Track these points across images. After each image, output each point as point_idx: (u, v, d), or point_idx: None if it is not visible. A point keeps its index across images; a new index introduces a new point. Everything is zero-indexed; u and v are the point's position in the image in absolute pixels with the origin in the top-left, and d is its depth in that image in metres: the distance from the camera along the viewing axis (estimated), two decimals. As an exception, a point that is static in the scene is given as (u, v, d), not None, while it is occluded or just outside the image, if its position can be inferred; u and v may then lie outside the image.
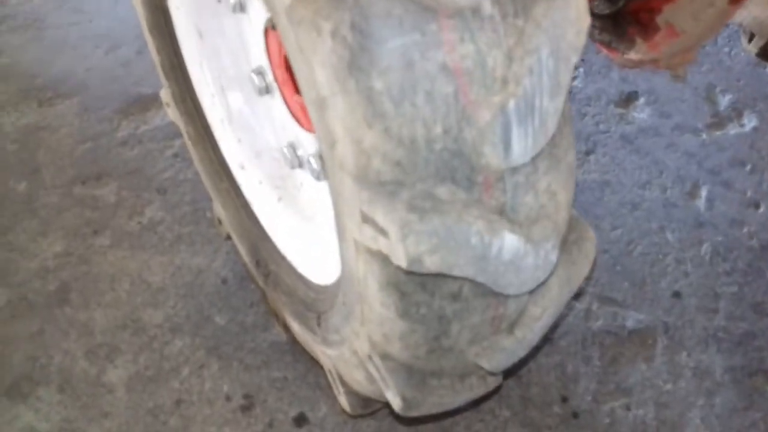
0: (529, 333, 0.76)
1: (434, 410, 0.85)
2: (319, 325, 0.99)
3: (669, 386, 1.26)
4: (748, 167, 1.60)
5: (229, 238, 1.35)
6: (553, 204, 0.67)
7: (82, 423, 1.20)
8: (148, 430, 1.19)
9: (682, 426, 1.21)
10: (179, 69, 1.23)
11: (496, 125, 0.59)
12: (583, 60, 1.84)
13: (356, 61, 0.57)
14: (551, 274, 0.72)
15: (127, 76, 1.75)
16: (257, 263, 1.21)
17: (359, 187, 0.62)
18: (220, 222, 1.35)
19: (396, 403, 0.81)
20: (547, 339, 1.31)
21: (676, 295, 1.38)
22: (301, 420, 1.21)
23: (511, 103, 0.59)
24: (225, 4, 1.11)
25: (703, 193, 1.54)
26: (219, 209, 1.30)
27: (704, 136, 1.66)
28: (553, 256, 0.67)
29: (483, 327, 0.73)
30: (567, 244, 0.75)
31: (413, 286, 0.68)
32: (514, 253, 0.64)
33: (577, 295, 1.37)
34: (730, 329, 1.33)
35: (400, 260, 0.62)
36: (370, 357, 0.82)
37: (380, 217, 0.61)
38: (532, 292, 0.73)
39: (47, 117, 1.66)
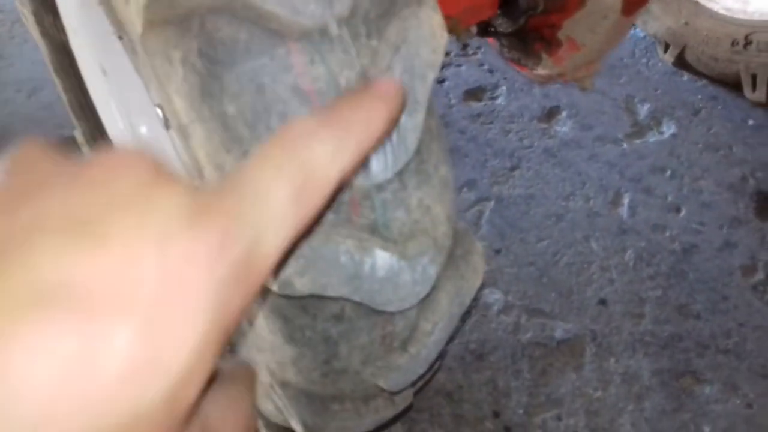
0: (423, 349, 0.75)
1: (341, 435, 0.84)
2: (233, 351, 0.98)
3: (599, 393, 1.27)
4: (668, 173, 1.63)
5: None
6: (429, 219, 0.67)
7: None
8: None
9: (613, 433, 1.22)
10: (88, 108, 1.22)
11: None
12: (505, 78, 1.87)
13: (207, 87, 0.57)
14: (437, 288, 0.72)
15: (49, 119, 1.73)
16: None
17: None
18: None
19: (298, 428, 0.80)
20: (477, 356, 1.31)
21: (602, 302, 1.39)
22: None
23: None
24: (126, 41, 1.10)
25: (626, 200, 1.57)
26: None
27: (625, 145, 1.70)
28: (432, 271, 0.67)
29: (373, 346, 0.73)
30: (454, 258, 0.75)
31: (294, 310, 0.67)
32: (388, 269, 0.64)
33: (506, 309, 1.38)
34: (656, 333, 1.35)
35: (271, 284, 0.61)
36: (271, 386, 0.80)
37: (249, 243, 0.61)
38: (420, 308, 0.72)
39: (-34, 165, 1.63)
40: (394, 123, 0.40)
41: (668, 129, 1.73)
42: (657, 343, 1.34)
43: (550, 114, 1.76)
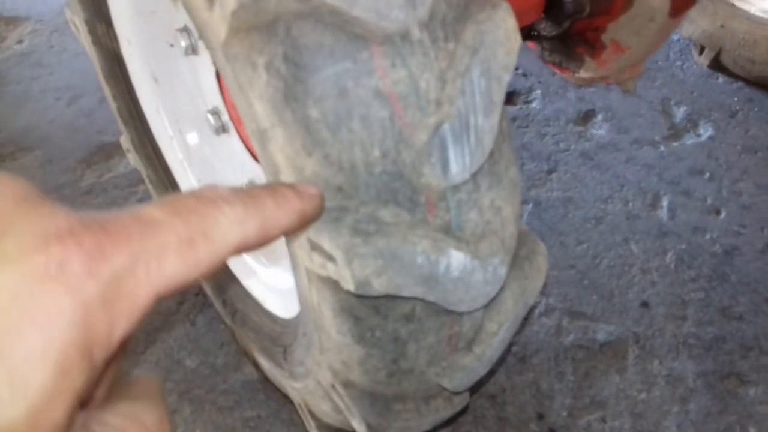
0: (488, 349, 0.76)
1: (404, 435, 0.85)
2: (285, 358, 0.99)
3: (643, 395, 1.27)
4: (707, 175, 1.63)
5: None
6: (499, 220, 0.68)
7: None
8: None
9: (660, 435, 1.22)
10: (137, 115, 1.24)
11: (432, 145, 0.60)
12: (540, 82, 1.88)
13: (291, 91, 0.58)
14: (503, 289, 0.72)
15: (89, 126, 1.76)
16: (224, 302, 1.21)
17: (305, 216, 0.63)
18: (187, 263, 1.35)
19: (361, 428, 0.81)
20: (520, 358, 1.32)
21: (644, 305, 1.39)
22: (277, 457, 1.20)
23: (446, 124, 0.60)
24: (177, 48, 1.12)
25: (665, 203, 1.57)
26: (184, 251, 1.30)
27: (662, 148, 1.70)
28: (502, 271, 0.68)
29: (440, 346, 0.73)
30: (518, 259, 0.76)
31: (366, 310, 0.68)
32: (462, 269, 0.65)
33: (547, 312, 1.38)
34: (700, 335, 1.35)
35: (348, 284, 0.62)
36: (333, 386, 0.81)
37: (326, 243, 0.62)
38: (486, 308, 0.73)
39: (10, 171, 1.65)
40: (304, 222, 0.41)
41: (705, 131, 1.73)
42: (700, 345, 1.33)
43: (586, 117, 1.77)
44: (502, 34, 0.63)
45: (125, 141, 1.34)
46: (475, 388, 0.90)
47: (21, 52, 1.97)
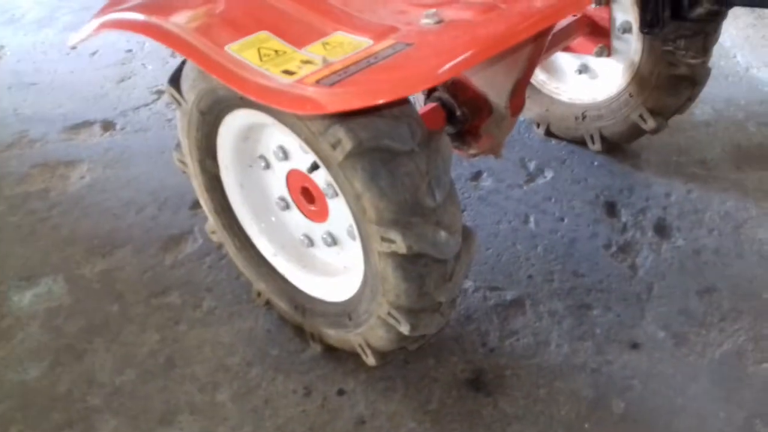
0: (458, 280, 1.71)
1: (425, 332, 1.76)
2: (350, 319, 1.89)
3: (537, 324, 2.24)
4: (553, 200, 2.68)
5: (267, 304, 2.22)
6: (456, 218, 1.64)
7: (211, 426, 1.98)
8: (254, 420, 1.99)
9: (549, 342, 2.19)
10: (228, 209, 2.11)
11: (426, 190, 1.56)
12: (443, 157, 2.89)
13: (374, 177, 1.53)
14: (459, 252, 1.68)
15: (157, 226, 2.60)
16: (295, 307, 2.08)
17: (378, 227, 1.57)
18: (259, 295, 2.21)
19: (406, 329, 1.72)
20: (466, 316, 2.26)
21: (530, 277, 2.39)
22: (341, 392, 2.06)
23: (432, 180, 1.56)
24: (257, 166, 2.03)
25: (532, 219, 2.60)
26: (260, 285, 2.17)
27: (525, 188, 2.74)
28: (459, 240, 1.64)
29: (439, 279, 1.67)
30: (464, 237, 1.72)
31: (408, 263, 1.61)
32: (445, 239, 1.60)
33: (476, 289, 2.34)
34: (562, 287, 2.35)
35: (403, 251, 1.56)
36: (389, 313, 1.73)
37: (391, 236, 1.56)
38: (455, 261, 1.68)
39: (112, 262, 2.47)
40: None
41: (549, 174, 2.80)
42: (563, 292, 2.33)
43: (477, 175, 2.80)
44: (445, 143, 1.61)
45: (210, 226, 2.21)
46: (437, 333, 1.83)
47: (87, 184, 2.79)
